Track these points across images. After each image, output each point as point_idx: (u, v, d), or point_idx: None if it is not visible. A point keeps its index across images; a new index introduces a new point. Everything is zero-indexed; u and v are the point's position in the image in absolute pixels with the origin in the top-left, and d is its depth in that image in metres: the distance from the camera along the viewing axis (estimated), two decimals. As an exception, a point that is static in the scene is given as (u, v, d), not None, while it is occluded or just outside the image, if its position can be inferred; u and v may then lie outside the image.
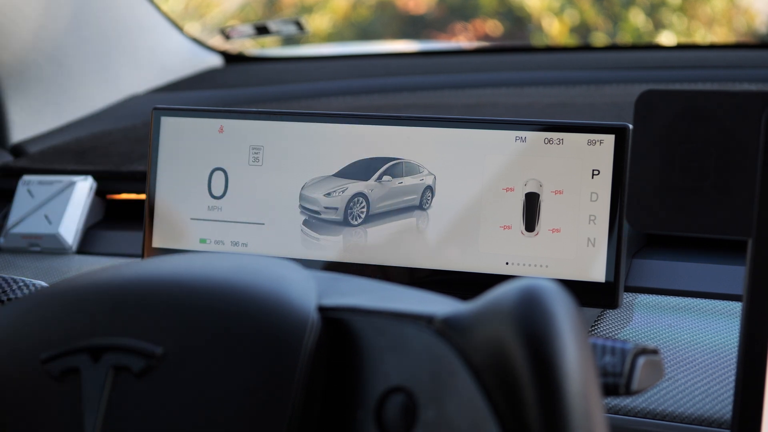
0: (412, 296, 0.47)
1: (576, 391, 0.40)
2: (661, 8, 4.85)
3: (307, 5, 5.05)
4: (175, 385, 0.45)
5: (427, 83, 1.22)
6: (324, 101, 1.21)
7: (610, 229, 0.74)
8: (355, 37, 4.99)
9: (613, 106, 1.08)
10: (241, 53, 1.43)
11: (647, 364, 0.48)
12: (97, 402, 0.45)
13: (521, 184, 0.76)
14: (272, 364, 0.44)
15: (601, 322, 0.79)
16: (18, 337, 0.49)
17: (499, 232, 0.76)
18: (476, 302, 0.43)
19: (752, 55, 1.20)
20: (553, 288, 0.42)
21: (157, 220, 0.84)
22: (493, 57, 1.34)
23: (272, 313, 0.45)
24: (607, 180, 0.74)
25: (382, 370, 0.44)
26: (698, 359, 0.75)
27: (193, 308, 0.46)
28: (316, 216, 0.80)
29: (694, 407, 0.72)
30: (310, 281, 0.47)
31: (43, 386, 0.46)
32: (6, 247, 1.03)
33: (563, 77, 1.17)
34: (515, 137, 0.77)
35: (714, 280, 0.81)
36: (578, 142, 0.75)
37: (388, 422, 0.44)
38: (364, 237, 0.79)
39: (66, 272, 0.98)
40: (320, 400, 0.45)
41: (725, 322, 0.77)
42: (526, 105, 1.12)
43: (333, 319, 0.46)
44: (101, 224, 1.05)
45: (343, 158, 0.80)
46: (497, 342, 0.42)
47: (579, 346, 0.41)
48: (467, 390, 0.42)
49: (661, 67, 1.18)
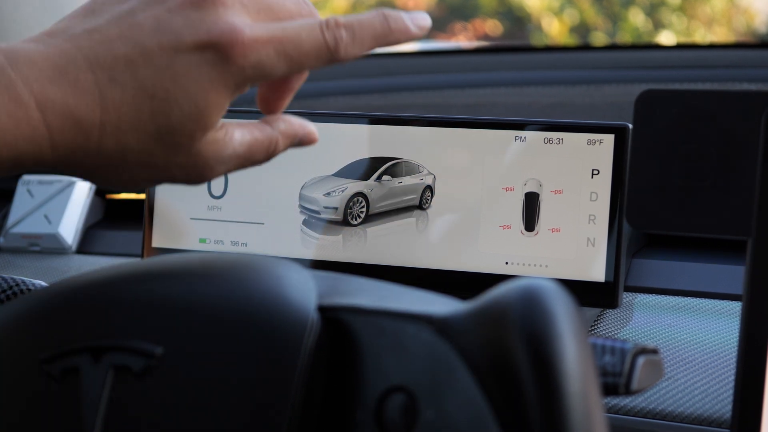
0: (412, 296, 0.47)
1: (576, 390, 0.40)
2: (661, 8, 4.85)
3: (306, 5, 5.05)
4: (175, 384, 0.45)
5: (427, 83, 1.22)
6: (324, 101, 1.21)
7: (609, 229, 0.74)
8: (355, 36, 4.98)
9: (612, 105, 1.08)
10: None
11: (647, 363, 0.48)
12: (97, 402, 0.45)
13: (521, 183, 0.76)
14: (272, 364, 0.44)
15: (601, 322, 0.79)
16: (18, 337, 0.49)
17: (499, 231, 0.76)
18: (476, 302, 0.43)
19: (752, 55, 1.20)
20: (552, 288, 0.42)
21: (157, 220, 0.84)
22: (493, 57, 1.33)
23: (272, 313, 0.45)
24: (606, 180, 0.74)
25: (382, 370, 0.44)
26: (698, 359, 0.75)
27: (192, 308, 0.46)
28: (316, 216, 0.80)
29: (694, 407, 0.72)
30: (310, 281, 0.47)
31: (43, 386, 0.46)
32: (6, 246, 1.03)
33: (563, 77, 1.17)
34: (515, 137, 0.77)
35: (714, 280, 0.81)
36: (578, 141, 0.75)
37: (389, 422, 0.44)
38: (364, 237, 0.79)
39: (66, 272, 0.98)
40: (320, 400, 0.45)
41: (725, 322, 0.77)
42: (525, 105, 1.12)
43: (333, 319, 0.46)
44: (101, 224, 1.05)
45: (342, 158, 0.80)
46: (497, 341, 0.42)
47: (579, 345, 0.41)
48: (467, 389, 0.42)
49: (661, 67, 1.18)
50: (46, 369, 0.46)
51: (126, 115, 0.48)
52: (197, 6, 0.49)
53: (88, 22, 0.50)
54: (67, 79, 0.48)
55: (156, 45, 0.49)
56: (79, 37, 0.49)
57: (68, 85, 0.48)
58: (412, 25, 0.54)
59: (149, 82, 0.48)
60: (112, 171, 0.50)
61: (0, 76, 0.47)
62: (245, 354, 0.44)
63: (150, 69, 0.48)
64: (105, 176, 0.50)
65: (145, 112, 0.48)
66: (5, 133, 0.47)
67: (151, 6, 0.50)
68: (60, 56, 0.48)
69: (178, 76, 0.49)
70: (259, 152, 0.53)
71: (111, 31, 0.49)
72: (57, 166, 0.49)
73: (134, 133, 0.49)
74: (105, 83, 0.48)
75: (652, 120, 0.52)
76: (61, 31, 0.50)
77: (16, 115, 0.47)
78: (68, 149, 0.48)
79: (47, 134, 0.47)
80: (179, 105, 0.49)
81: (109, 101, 0.48)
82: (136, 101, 0.48)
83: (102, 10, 0.51)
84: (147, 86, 0.48)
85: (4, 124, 0.47)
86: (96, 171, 0.50)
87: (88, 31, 0.49)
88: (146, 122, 0.49)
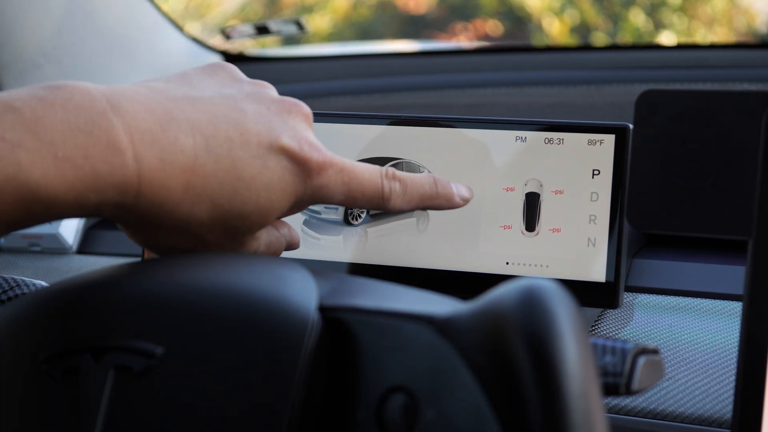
0: (413, 296, 0.47)
1: (576, 390, 0.40)
2: (662, 8, 4.85)
3: (307, 5, 5.06)
4: (175, 385, 0.45)
5: (427, 83, 1.22)
6: (324, 101, 1.21)
7: (610, 229, 0.74)
8: (355, 37, 4.99)
9: (613, 105, 1.08)
10: (241, 53, 1.43)
11: (647, 363, 0.48)
12: (97, 402, 0.45)
13: (521, 183, 0.76)
14: (272, 364, 0.44)
15: (601, 322, 0.79)
16: (18, 337, 0.49)
17: (500, 231, 0.76)
18: (476, 302, 0.44)
19: (752, 55, 1.20)
20: (553, 288, 0.42)
21: (158, 220, 0.84)
22: (493, 57, 1.33)
23: (272, 313, 0.45)
24: (607, 180, 0.74)
25: (382, 370, 0.44)
26: (698, 359, 0.75)
27: (193, 308, 0.46)
28: (317, 216, 0.80)
29: (694, 407, 0.72)
30: (310, 281, 0.47)
31: (44, 386, 0.46)
32: (6, 247, 1.03)
33: (563, 77, 1.17)
34: (515, 137, 0.77)
35: (714, 280, 0.81)
36: (578, 141, 0.75)
37: (389, 422, 0.44)
38: (364, 237, 0.79)
39: (66, 272, 0.98)
40: (321, 400, 0.45)
41: (725, 322, 0.77)
42: (526, 105, 1.12)
43: (333, 319, 0.46)
44: (101, 224, 1.05)
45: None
46: (498, 342, 0.42)
47: (579, 345, 0.41)
48: (468, 390, 0.42)
49: (661, 67, 1.18)
50: (47, 369, 0.46)
51: (210, 187, 0.50)
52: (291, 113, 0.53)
53: (187, 90, 0.52)
54: (166, 137, 0.48)
55: (256, 134, 0.51)
56: (181, 101, 0.50)
57: (167, 142, 0.48)
58: (457, 194, 0.61)
59: (240, 164, 0.50)
60: (165, 232, 0.51)
61: (101, 120, 0.47)
62: (246, 354, 0.45)
63: (245, 153, 0.51)
64: (156, 235, 0.51)
65: (228, 190, 0.50)
66: (97, 179, 0.47)
67: (252, 99, 0.53)
68: (164, 113, 0.49)
69: (266, 169, 0.51)
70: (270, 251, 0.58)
71: (215, 107, 0.51)
72: (126, 217, 0.49)
73: (210, 207, 0.50)
74: (201, 150, 0.49)
75: (652, 120, 0.52)
76: (161, 91, 0.50)
77: (112, 162, 0.47)
78: (149, 204, 0.49)
79: (137, 186, 0.48)
80: (258, 195, 0.51)
81: (200, 168, 0.49)
82: (223, 177, 0.50)
83: (200, 84, 0.53)
84: (238, 167, 0.50)
85: (99, 170, 0.47)
86: (158, 230, 0.51)
87: (191, 99, 0.51)
88: (224, 200, 0.50)
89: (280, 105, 0.53)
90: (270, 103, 0.53)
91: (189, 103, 0.50)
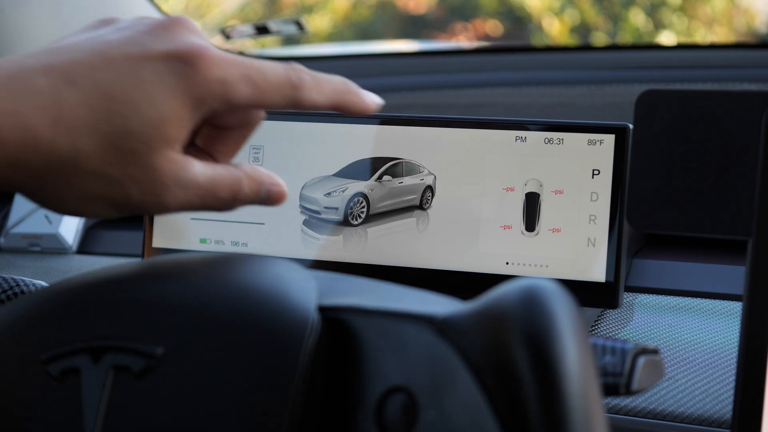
0: (412, 296, 0.47)
1: (576, 390, 0.40)
2: (662, 8, 4.85)
3: (307, 5, 5.06)
4: (175, 385, 0.45)
5: (427, 83, 1.22)
6: (324, 101, 1.21)
7: (610, 229, 0.74)
8: (355, 37, 4.99)
9: (613, 106, 1.08)
10: (241, 53, 1.43)
11: (647, 363, 0.48)
12: (97, 402, 0.45)
13: (521, 183, 0.76)
14: (272, 364, 0.44)
15: (601, 322, 0.79)
16: (18, 337, 0.49)
17: (500, 231, 0.76)
18: (476, 302, 0.43)
19: (752, 55, 1.20)
20: (553, 288, 0.42)
21: (157, 220, 0.84)
22: (493, 57, 1.33)
23: (272, 313, 0.45)
24: (607, 180, 0.74)
25: (382, 370, 0.44)
26: (698, 359, 0.75)
27: (193, 308, 0.46)
28: (317, 216, 0.80)
29: (694, 407, 0.72)
30: (310, 281, 0.47)
31: (43, 386, 0.46)
32: (6, 247, 1.03)
33: (563, 77, 1.17)
34: (515, 137, 0.77)
35: (714, 280, 0.81)
36: (578, 142, 0.75)
37: (389, 422, 0.44)
38: (365, 237, 0.79)
39: (66, 272, 0.98)
40: (320, 400, 0.45)
41: (725, 322, 0.77)
42: (526, 105, 1.12)
43: (333, 319, 0.46)
44: (101, 224, 1.05)
45: (343, 158, 0.80)
46: (497, 342, 0.42)
47: (579, 346, 0.41)
48: (468, 390, 0.42)
49: (661, 67, 1.18)
50: (47, 369, 0.46)
51: (81, 116, 0.48)
52: (167, 28, 0.51)
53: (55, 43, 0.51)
54: (16, 84, 0.48)
55: (121, 54, 0.50)
56: (40, 53, 0.50)
57: (19, 87, 0.48)
58: (367, 96, 0.57)
59: (109, 84, 0.49)
60: (63, 180, 0.49)
61: None
62: (245, 354, 0.45)
63: (112, 73, 0.49)
64: (55, 186, 0.49)
65: (102, 113, 0.49)
66: None
67: (122, 30, 0.52)
68: (15, 66, 0.49)
69: (141, 81, 0.49)
70: (223, 188, 0.52)
71: (75, 46, 0.50)
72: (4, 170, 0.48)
73: (89, 134, 0.48)
74: (60, 85, 0.48)
75: (652, 120, 0.52)
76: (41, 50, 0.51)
77: None
78: (16, 148, 0.47)
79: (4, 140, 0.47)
80: (139, 108, 0.49)
81: (64, 101, 0.48)
82: (92, 101, 0.49)
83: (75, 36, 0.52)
84: (106, 88, 0.49)
85: None
86: (46, 177, 0.49)
87: (51, 49, 0.50)
88: (102, 123, 0.49)
89: (155, 24, 0.52)
90: (143, 27, 0.52)
91: (47, 52, 0.50)
